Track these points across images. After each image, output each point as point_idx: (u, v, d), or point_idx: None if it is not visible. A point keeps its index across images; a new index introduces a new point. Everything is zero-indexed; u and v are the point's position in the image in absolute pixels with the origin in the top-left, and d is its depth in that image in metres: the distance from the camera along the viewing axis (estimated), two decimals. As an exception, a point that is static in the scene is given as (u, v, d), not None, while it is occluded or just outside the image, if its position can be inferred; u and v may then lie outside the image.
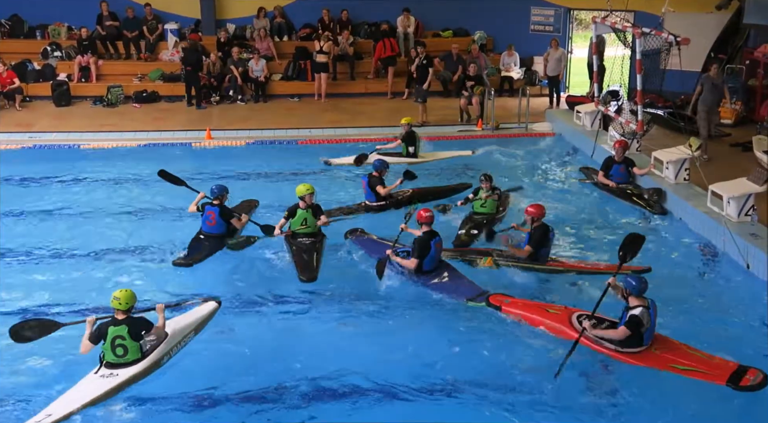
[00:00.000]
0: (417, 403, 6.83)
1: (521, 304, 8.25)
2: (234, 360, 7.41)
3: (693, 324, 8.16)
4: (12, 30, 19.19)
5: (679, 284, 9.08)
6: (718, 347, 7.42)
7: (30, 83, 17.79)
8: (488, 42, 19.63)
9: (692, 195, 11.16)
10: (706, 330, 8.02)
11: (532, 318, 7.98)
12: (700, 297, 8.82)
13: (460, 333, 8.00)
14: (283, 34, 19.52)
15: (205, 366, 7.36)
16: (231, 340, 7.81)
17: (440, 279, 8.88)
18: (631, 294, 7.12)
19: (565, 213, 11.42)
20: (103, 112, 17.11)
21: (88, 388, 6.72)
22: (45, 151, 14.38)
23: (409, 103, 17.96)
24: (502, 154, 14.39)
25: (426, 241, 8.79)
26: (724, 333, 7.98)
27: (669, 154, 11.85)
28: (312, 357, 7.48)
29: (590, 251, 10.09)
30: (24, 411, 6.59)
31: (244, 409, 6.71)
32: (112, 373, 6.86)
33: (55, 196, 12.03)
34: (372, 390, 6.97)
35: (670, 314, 8.23)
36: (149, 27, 19.09)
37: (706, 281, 9.36)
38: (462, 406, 6.81)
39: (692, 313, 8.38)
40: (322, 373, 7.17)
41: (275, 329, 8.10)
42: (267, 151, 14.57)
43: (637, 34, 12.19)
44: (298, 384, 7.01)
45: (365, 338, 7.87)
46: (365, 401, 6.85)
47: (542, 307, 8.18)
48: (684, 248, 10.20)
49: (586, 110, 15.09)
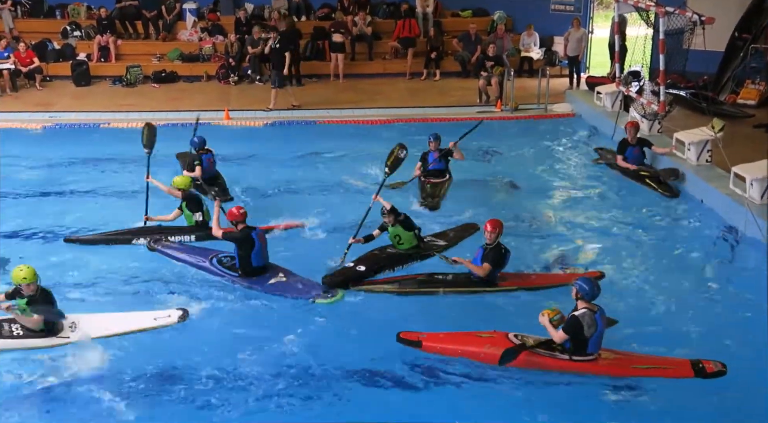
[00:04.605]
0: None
1: (444, 337, 7.30)
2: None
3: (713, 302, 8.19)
4: (32, 10, 19.24)
5: (699, 266, 9.02)
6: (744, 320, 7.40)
7: (50, 63, 17.87)
8: (508, 22, 19.42)
9: (714, 176, 11.01)
10: (728, 308, 8.04)
11: (465, 349, 7.12)
12: (719, 278, 8.74)
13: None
14: (302, 14, 19.42)
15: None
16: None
17: (277, 279, 8.55)
18: (582, 298, 6.71)
19: (578, 194, 11.44)
20: (122, 92, 17.17)
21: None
22: (65, 130, 14.45)
23: (428, 84, 17.95)
24: (521, 135, 14.27)
25: (247, 235, 8.48)
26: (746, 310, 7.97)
27: (691, 135, 11.69)
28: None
29: (594, 233, 10.02)
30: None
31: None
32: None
33: (75, 175, 12.08)
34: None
35: (690, 297, 8.24)
36: (168, 6, 19.07)
37: (727, 262, 9.21)
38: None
39: (713, 294, 8.36)
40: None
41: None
42: (285, 132, 14.55)
43: (660, 13, 11.98)
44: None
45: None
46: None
47: (470, 334, 7.27)
48: (705, 230, 10.08)
49: (606, 91, 14.92)
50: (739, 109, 14.70)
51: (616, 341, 7.19)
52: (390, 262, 8.99)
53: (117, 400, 6.52)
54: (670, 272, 8.87)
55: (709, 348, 7.19)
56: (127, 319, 7.75)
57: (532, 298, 8.09)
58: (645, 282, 8.65)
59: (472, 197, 11.16)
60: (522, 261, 8.97)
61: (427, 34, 18.63)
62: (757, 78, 15.30)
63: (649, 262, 9.18)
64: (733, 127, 12.91)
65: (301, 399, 6.60)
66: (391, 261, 9.01)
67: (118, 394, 6.61)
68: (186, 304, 8.06)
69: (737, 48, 15.80)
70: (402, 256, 9.05)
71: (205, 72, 18.21)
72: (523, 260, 9.01)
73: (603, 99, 15.01)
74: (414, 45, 18.39)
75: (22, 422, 6.37)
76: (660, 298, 8.23)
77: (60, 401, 6.58)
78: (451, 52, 18.77)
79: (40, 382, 6.80)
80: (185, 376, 6.90)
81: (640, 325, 7.69)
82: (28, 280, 7.12)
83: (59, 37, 18.53)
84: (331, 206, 10.60)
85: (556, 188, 11.76)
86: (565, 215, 10.65)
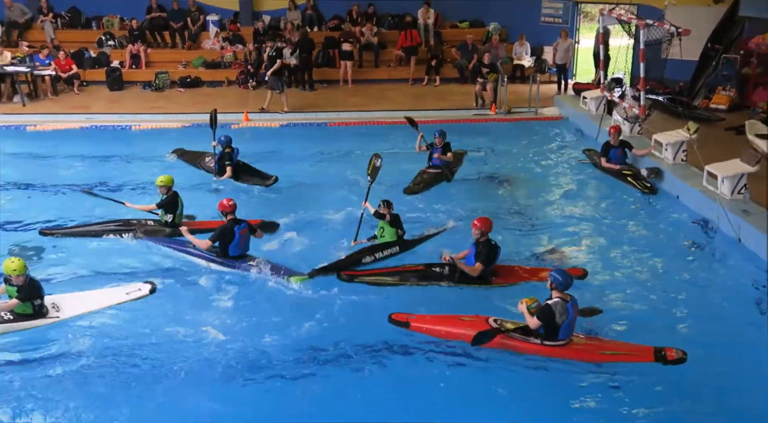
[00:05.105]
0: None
1: (429, 318, 7.36)
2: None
3: (688, 291, 8.16)
4: (71, 21, 19.27)
5: (675, 257, 9.03)
6: (715, 307, 7.37)
7: (87, 70, 17.87)
8: (502, 32, 19.36)
9: (689, 175, 11.01)
10: (701, 296, 8.03)
11: (447, 330, 7.15)
12: (694, 268, 8.75)
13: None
14: (314, 25, 19.40)
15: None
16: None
17: (254, 263, 8.46)
18: (556, 288, 6.69)
19: (566, 191, 11.44)
20: (151, 96, 17.17)
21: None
22: (100, 131, 14.49)
23: (429, 89, 17.92)
24: (514, 136, 14.27)
25: (230, 229, 8.42)
26: (718, 299, 7.98)
27: (668, 136, 11.68)
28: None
29: (581, 226, 10.02)
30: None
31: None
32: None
33: (108, 171, 12.11)
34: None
35: (667, 284, 8.25)
36: (193, 18, 19.08)
37: (701, 253, 9.23)
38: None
39: (688, 283, 8.35)
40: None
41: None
42: (299, 133, 14.56)
43: (641, 26, 11.95)
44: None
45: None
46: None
47: (454, 317, 7.31)
48: (681, 224, 10.09)
49: (591, 96, 14.90)
50: (711, 114, 14.67)
51: (596, 328, 7.19)
52: (370, 250, 8.79)
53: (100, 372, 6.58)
54: (648, 263, 8.87)
55: (683, 334, 7.23)
56: (101, 295, 7.81)
57: (520, 289, 7.97)
58: (625, 272, 8.65)
59: (467, 192, 11.20)
60: (513, 252, 8.94)
61: (428, 43, 18.64)
62: (727, 85, 15.26)
63: (631, 254, 9.13)
64: (706, 129, 12.89)
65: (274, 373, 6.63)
66: (372, 249, 8.81)
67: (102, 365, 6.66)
68: (166, 281, 8.10)
69: (710, 57, 15.77)
70: (380, 244, 8.89)
71: (226, 78, 18.21)
72: (513, 252, 8.98)
73: (588, 103, 15.00)
74: (416, 53, 18.37)
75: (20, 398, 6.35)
76: (638, 287, 8.22)
77: (52, 377, 6.58)
78: (450, 60, 18.75)
79: (36, 361, 6.83)
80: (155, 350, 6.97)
81: (618, 312, 7.65)
82: (18, 272, 7.16)
83: (95, 46, 18.54)
84: (342, 200, 10.57)
85: (545, 184, 11.78)
86: (554, 209, 10.68)
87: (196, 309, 7.68)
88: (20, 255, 8.23)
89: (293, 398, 6.35)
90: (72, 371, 6.64)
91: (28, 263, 7.38)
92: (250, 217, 8.93)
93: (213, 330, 7.23)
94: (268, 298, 7.93)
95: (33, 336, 7.23)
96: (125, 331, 7.32)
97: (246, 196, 10.75)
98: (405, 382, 6.56)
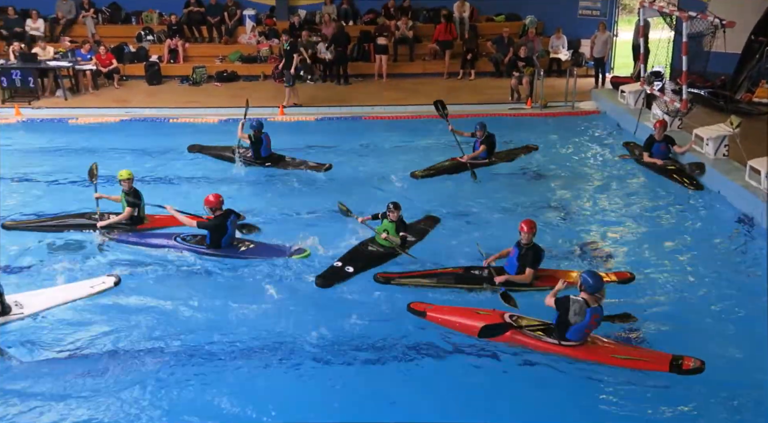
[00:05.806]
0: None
1: (446, 309, 7.26)
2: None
3: (730, 291, 7.88)
4: (111, 17, 19.54)
5: (715, 255, 8.72)
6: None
7: (126, 64, 18.11)
8: (538, 26, 19.08)
9: (731, 170, 10.71)
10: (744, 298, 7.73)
11: (461, 322, 7.03)
12: (736, 271, 8.38)
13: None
14: (349, 19, 19.35)
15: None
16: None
17: (246, 247, 8.45)
18: (585, 290, 6.42)
19: (606, 186, 11.16)
20: (189, 90, 17.32)
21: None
22: (139, 123, 14.65)
23: (464, 83, 17.75)
24: (550, 130, 14.05)
25: (222, 223, 8.37)
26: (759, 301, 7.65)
27: (710, 131, 11.39)
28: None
29: (622, 224, 9.73)
30: None
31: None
32: None
33: (148, 163, 12.21)
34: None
35: (708, 283, 7.98)
36: (229, 13, 19.17)
37: (742, 252, 8.91)
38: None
39: (729, 282, 8.06)
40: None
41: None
42: (335, 126, 14.54)
43: (684, 18, 11.64)
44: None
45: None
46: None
47: (471, 310, 7.17)
48: (722, 220, 9.80)
49: (630, 89, 14.60)
50: (754, 107, 14.25)
51: (626, 331, 6.98)
52: (376, 258, 8.47)
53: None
54: (689, 266, 8.46)
55: (719, 340, 6.89)
56: (66, 290, 7.62)
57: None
58: (667, 276, 8.22)
59: (505, 186, 11.04)
60: (552, 249, 8.61)
61: (463, 37, 18.45)
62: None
63: (672, 256, 8.70)
64: (749, 123, 12.52)
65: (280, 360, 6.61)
66: (376, 258, 8.49)
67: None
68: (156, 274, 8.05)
69: (753, 50, 15.27)
70: (383, 254, 8.54)
71: (262, 72, 18.28)
72: (553, 249, 8.67)
73: (626, 97, 14.70)
74: (451, 47, 18.20)
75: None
76: (678, 292, 7.87)
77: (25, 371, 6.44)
78: (485, 54, 18.55)
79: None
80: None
81: (656, 318, 7.28)
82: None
83: (134, 41, 18.77)
84: (375, 195, 10.47)
85: (584, 180, 11.49)
86: (594, 205, 10.40)
87: (186, 300, 7.52)
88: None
89: (293, 398, 6.25)
90: (37, 365, 6.50)
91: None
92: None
93: (199, 314, 7.17)
94: (289, 288, 7.84)
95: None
96: (91, 325, 7.12)
97: (280, 184, 11.01)
98: (424, 381, 6.46)
